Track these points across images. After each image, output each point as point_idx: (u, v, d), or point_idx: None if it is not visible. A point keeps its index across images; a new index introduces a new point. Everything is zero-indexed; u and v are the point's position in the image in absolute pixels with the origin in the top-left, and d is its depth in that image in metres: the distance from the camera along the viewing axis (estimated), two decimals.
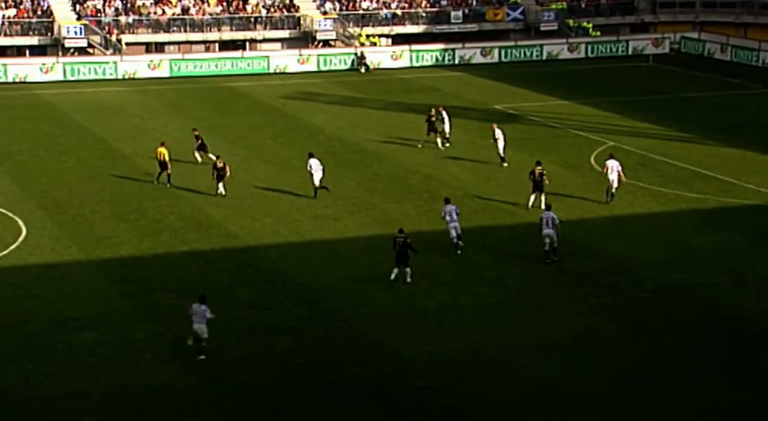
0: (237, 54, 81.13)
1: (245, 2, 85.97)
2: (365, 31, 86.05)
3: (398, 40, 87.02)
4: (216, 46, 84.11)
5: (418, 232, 39.63)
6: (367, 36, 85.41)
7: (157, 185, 47.72)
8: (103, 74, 76.97)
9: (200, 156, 51.15)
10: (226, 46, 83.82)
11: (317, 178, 45.95)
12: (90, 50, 79.58)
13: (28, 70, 76.00)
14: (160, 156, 47.89)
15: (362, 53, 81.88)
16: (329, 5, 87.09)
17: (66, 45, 78.79)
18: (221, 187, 46.16)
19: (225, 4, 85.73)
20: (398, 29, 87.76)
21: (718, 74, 79.55)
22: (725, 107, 67.87)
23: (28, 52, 79.98)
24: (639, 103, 68.87)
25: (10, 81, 75.35)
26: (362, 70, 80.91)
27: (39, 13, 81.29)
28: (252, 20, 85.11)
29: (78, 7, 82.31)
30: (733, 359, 30.81)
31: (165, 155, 47.81)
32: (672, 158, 53.34)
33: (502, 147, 51.60)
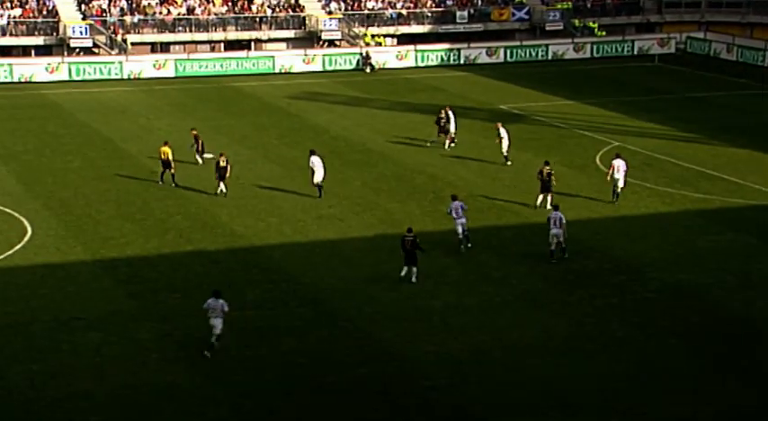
0: (243, 54, 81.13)
1: (250, 2, 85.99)
2: (370, 30, 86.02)
3: (404, 39, 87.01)
4: (221, 46, 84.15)
5: (423, 232, 39.52)
6: (372, 36, 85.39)
7: (162, 185, 47.72)
8: (109, 74, 77.01)
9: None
10: (231, 46, 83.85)
11: (318, 176, 45.93)
12: (95, 50, 79.64)
13: (33, 70, 76.06)
14: (163, 155, 47.89)
15: (368, 53, 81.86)
16: (334, 5, 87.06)
17: (72, 45, 78.84)
18: (222, 186, 46.16)
19: (230, 3, 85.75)
20: (404, 29, 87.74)
21: (724, 74, 79.45)
22: (731, 107, 67.77)
23: (33, 52, 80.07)
24: (645, 103, 68.79)
25: (15, 81, 75.39)
26: (368, 70, 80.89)
27: (44, 12, 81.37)
28: (257, 20, 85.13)
29: (84, 7, 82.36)
30: (739, 359, 30.74)
31: (169, 154, 47.80)
32: (677, 158, 53.28)
33: (506, 146, 51.57)
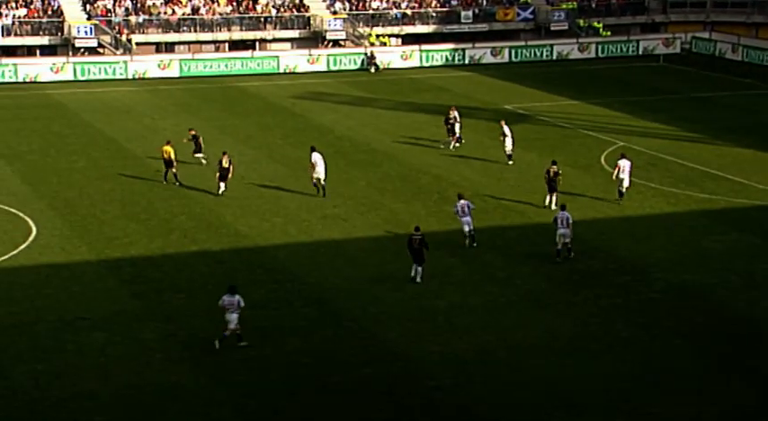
0: (247, 54, 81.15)
1: (254, 2, 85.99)
2: (375, 30, 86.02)
3: (408, 39, 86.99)
4: (226, 46, 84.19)
5: (428, 232, 39.41)
6: (377, 36, 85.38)
7: (167, 185, 47.74)
8: (113, 74, 77.06)
9: (199, 157, 50.97)
10: (236, 46, 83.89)
11: (319, 172, 45.93)
12: (100, 50, 79.69)
13: (38, 70, 76.10)
14: (165, 155, 47.93)
15: (372, 53, 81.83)
16: (339, 5, 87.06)
17: (77, 45, 78.92)
18: (222, 186, 46.16)
19: (235, 3, 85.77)
20: (408, 29, 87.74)
21: (730, 74, 79.38)
22: (736, 107, 67.69)
23: (38, 52, 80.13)
24: (650, 103, 68.73)
25: (20, 81, 75.45)
26: (372, 70, 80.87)
27: (49, 12, 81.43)
28: (262, 20, 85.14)
29: (88, 7, 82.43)
30: (744, 359, 30.70)
31: (171, 153, 47.84)
32: (682, 159, 53.22)
33: (510, 145, 51.53)
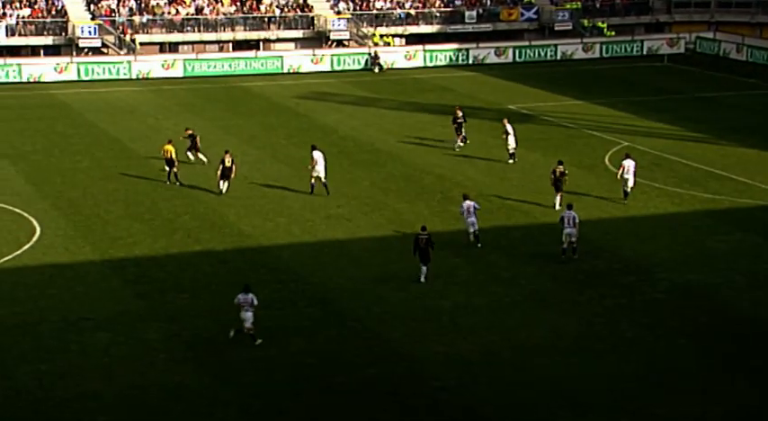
0: (251, 54, 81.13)
1: (258, 2, 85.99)
2: (379, 30, 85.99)
3: (412, 39, 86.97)
4: (230, 46, 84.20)
5: (432, 233, 39.37)
6: (381, 36, 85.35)
7: (170, 185, 47.74)
8: (117, 74, 77.07)
9: (191, 156, 50.91)
10: (239, 46, 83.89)
11: (319, 170, 45.88)
12: (104, 50, 79.72)
13: (42, 70, 76.13)
14: (167, 154, 47.94)
15: (376, 53, 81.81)
16: (343, 5, 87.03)
17: (81, 45, 78.93)
18: (222, 185, 46.14)
19: (239, 3, 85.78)
20: (412, 29, 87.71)
21: (734, 74, 79.30)
22: (740, 107, 67.62)
23: (42, 52, 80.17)
24: (654, 103, 68.66)
25: (24, 81, 75.48)
26: (376, 70, 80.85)
27: (53, 12, 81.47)
28: (266, 20, 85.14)
29: (92, 7, 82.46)
30: (748, 359, 30.64)
31: (172, 152, 47.85)
32: (686, 159, 53.16)
33: (513, 143, 51.50)
